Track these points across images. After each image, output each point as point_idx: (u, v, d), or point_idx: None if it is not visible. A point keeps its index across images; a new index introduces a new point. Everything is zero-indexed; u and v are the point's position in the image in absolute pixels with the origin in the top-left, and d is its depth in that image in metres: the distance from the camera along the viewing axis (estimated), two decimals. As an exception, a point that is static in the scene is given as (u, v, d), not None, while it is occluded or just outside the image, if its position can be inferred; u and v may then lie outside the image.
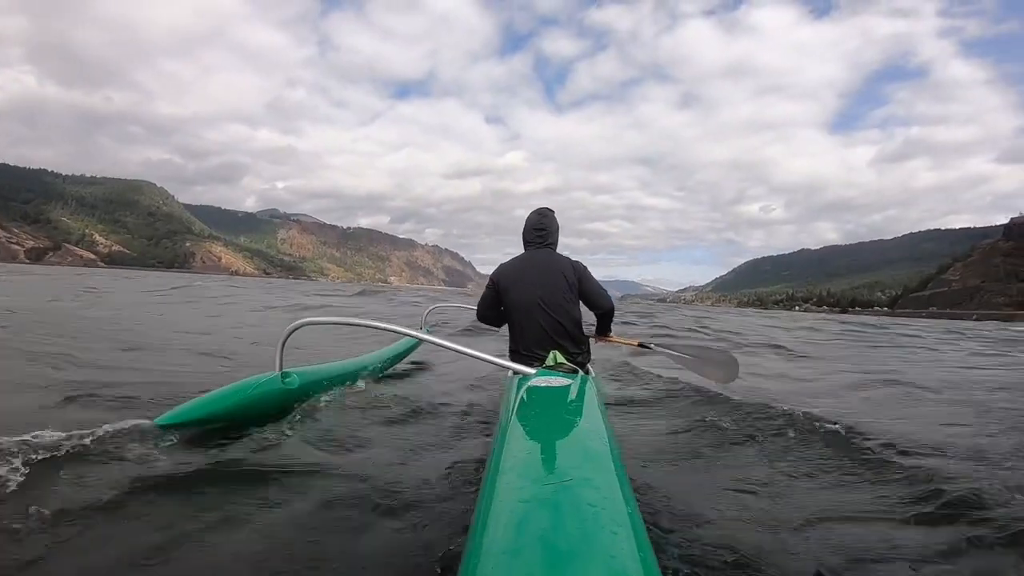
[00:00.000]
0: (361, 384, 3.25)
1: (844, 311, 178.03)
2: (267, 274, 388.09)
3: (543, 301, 2.58)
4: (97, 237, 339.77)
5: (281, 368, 2.49)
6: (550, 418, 1.60)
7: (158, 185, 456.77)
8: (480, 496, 1.14)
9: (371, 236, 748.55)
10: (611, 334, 3.06)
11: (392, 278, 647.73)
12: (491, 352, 2.30)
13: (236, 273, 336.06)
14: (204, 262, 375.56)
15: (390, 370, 3.92)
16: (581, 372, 2.24)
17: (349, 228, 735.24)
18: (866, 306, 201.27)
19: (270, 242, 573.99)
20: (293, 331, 2.43)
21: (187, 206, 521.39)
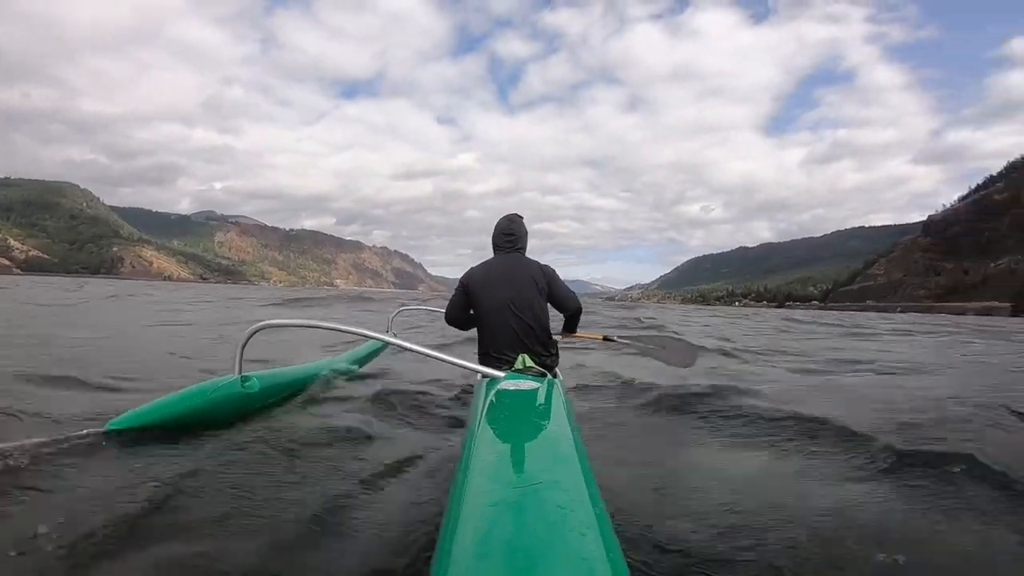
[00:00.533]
0: (325, 388, 3.13)
1: (781, 305, 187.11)
2: (204, 279, 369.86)
3: (512, 304, 2.62)
4: (12, 242, 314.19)
5: (240, 371, 2.40)
6: (519, 421, 1.60)
7: (81, 187, 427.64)
8: (449, 500, 1.13)
9: (316, 238, 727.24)
10: (577, 331, 3.17)
11: (338, 281, 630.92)
12: (459, 355, 2.28)
13: (169, 278, 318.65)
14: (134, 267, 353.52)
15: (355, 373, 3.75)
16: (549, 375, 2.22)
17: (292, 230, 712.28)
18: (801, 300, 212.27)
19: (207, 245, 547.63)
20: (254, 333, 2.35)
21: (114, 208, 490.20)
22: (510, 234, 2.83)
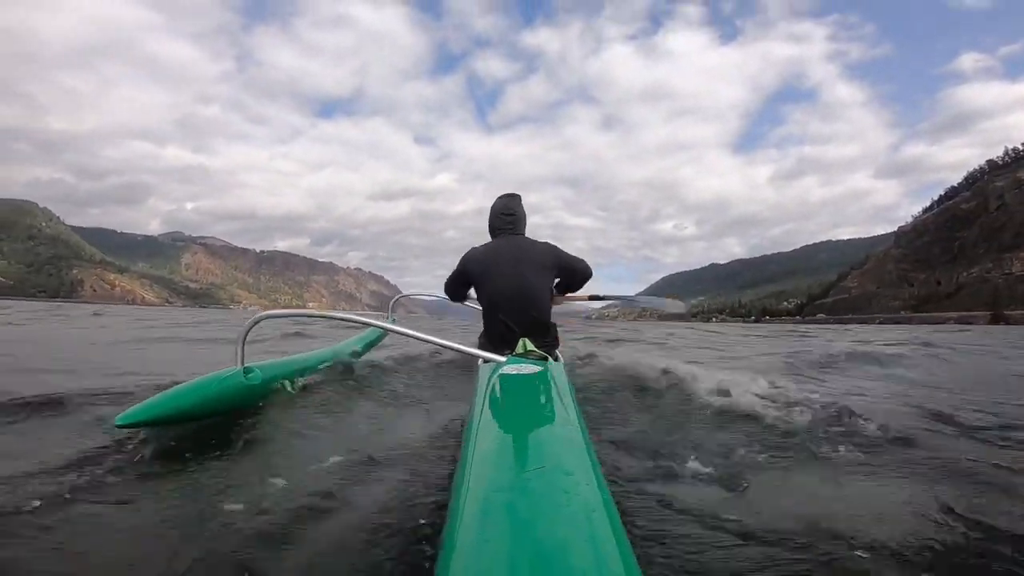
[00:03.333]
0: (326, 377, 3.13)
1: (758, 320, 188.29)
2: (168, 303, 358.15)
3: (514, 289, 2.63)
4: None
5: (243, 363, 2.43)
6: (521, 406, 1.61)
7: (41, 206, 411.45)
8: (453, 486, 1.13)
9: (288, 260, 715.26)
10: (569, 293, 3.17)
11: (311, 304, 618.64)
12: (459, 341, 2.32)
13: (132, 302, 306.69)
14: (95, 290, 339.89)
15: (356, 361, 3.68)
16: (551, 359, 2.22)
17: (263, 251, 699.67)
18: (776, 314, 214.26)
19: (173, 268, 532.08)
20: (254, 325, 2.38)
21: (77, 229, 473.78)
22: (510, 213, 2.79)
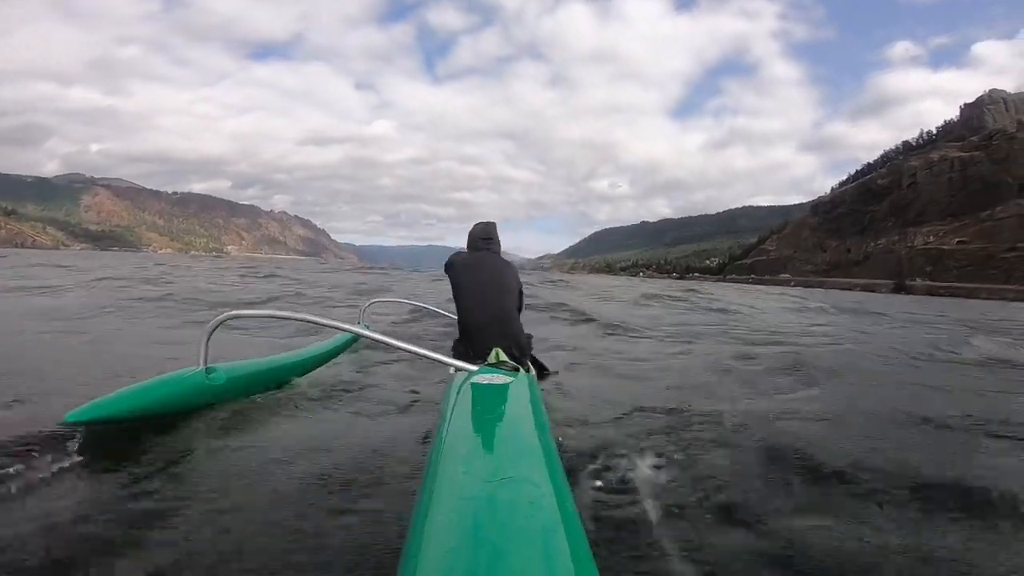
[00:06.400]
0: (294, 380, 3.04)
1: (682, 276, 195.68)
2: (64, 245, 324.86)
3: (489, 300, 2.74)
4: None
5: (206, 363, 2.34)
6: (490, 415, 1.61)
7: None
8: (419, 494, 1.13)
9: (205, 202, 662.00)
10: None
11: (230, 247, 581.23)
12: (432, 348, 2.30)
13: (21, 245, 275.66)
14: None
15: (325, 366, 3.64)
16: (522, 369, 2.26)
17: (176, 193, 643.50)
18: (699, 272, 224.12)
19: (70, 210, 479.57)
20: (219, 324, 2.30)
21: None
22: (488, 237, 3.04)
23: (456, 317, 2.88)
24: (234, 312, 2.35)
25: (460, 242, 2.96)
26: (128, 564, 1.22)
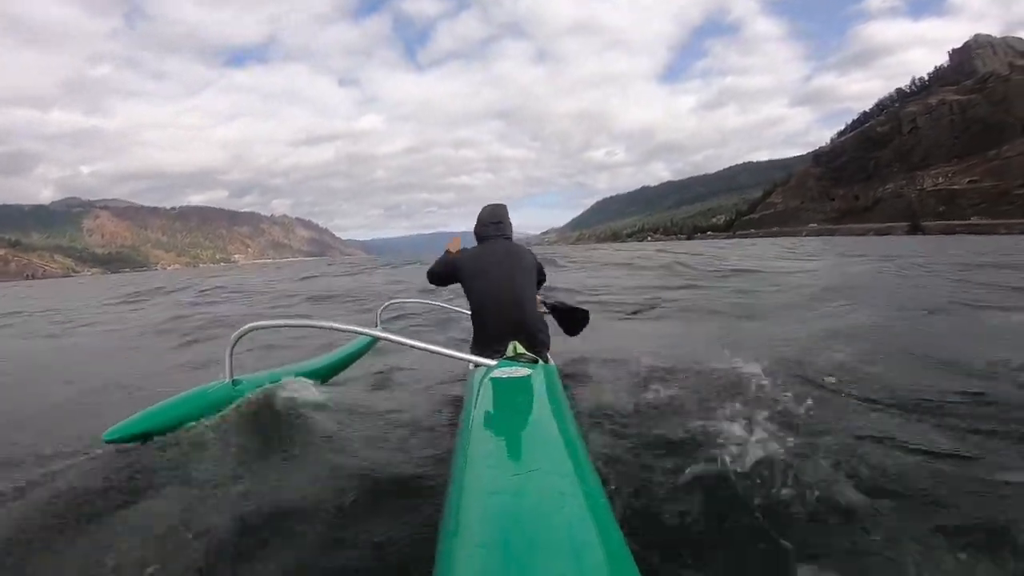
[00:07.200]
0: (317, 387, 3.05)
1: (689, 237, 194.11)
2: (75, 271, 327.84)
3: (504, 293, 2.65)
4: None
5: (231, 375, 2.43)
6: (512, 409, 1.60)
7: None
8: (448, 490, 1.13)
9: (206, 214, 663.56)
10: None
11: (236, 256, 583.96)
12: (449, 346, 2.33)
13: (32, 276, 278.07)
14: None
15: (346, 370, 3.67)
16: (541, 361, 2.28)
17: (174, 208, 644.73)
18: (707, 230, 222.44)
19: (73, 235, 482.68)
20: (241, 336, 2.37)
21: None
22: (498, 221, 2.86)
23: (470, 313, 2.80)
24: (255, 324, 2.38)
25: (464, 226, 2.99)
26: (170, 569, 1.27)
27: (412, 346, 2.26)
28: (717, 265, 15.13)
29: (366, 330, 2.40)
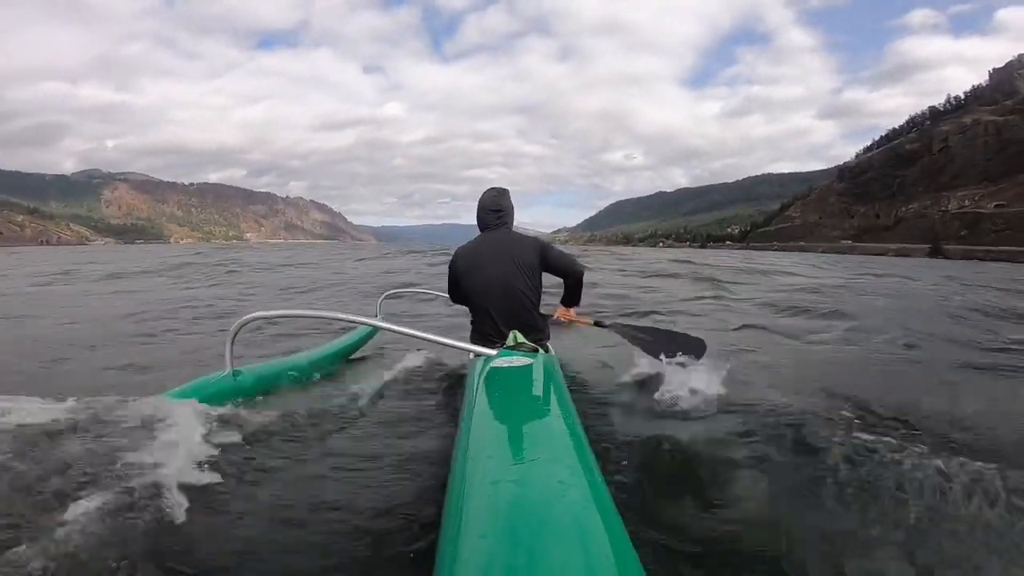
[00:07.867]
0: (318, 377, 3.12)
1: (703, 246, 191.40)
2: (88, 240, 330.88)
3: (502, 282, 2.60)
4: None
5: (232, 365, 2.41)
6: (513, 398, 1.61)
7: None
8: (450, 480, 1.13)
9: (221, 192, 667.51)
10: (572, 309, 3.00)
11: (248, 235, 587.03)
12: (450, 336, 2.34)
13: (47, 242, 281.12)
14: (2, 233, 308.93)
15: (347, 360, 3.74)
16: (541, 351, 2.28)
17: (192, 184, 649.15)
18: (720, 240, 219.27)
19: (91, 205, 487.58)
20: (242, 326, 2.36)
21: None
22: (498, 209, 2.77)
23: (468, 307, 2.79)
24: (255, 314, 2.36)
25: (474, 219, 2.77)
26: (175, 561, 1.27)
27: (413, 335, 2.28)
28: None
29: (367, 320, 2.42)
